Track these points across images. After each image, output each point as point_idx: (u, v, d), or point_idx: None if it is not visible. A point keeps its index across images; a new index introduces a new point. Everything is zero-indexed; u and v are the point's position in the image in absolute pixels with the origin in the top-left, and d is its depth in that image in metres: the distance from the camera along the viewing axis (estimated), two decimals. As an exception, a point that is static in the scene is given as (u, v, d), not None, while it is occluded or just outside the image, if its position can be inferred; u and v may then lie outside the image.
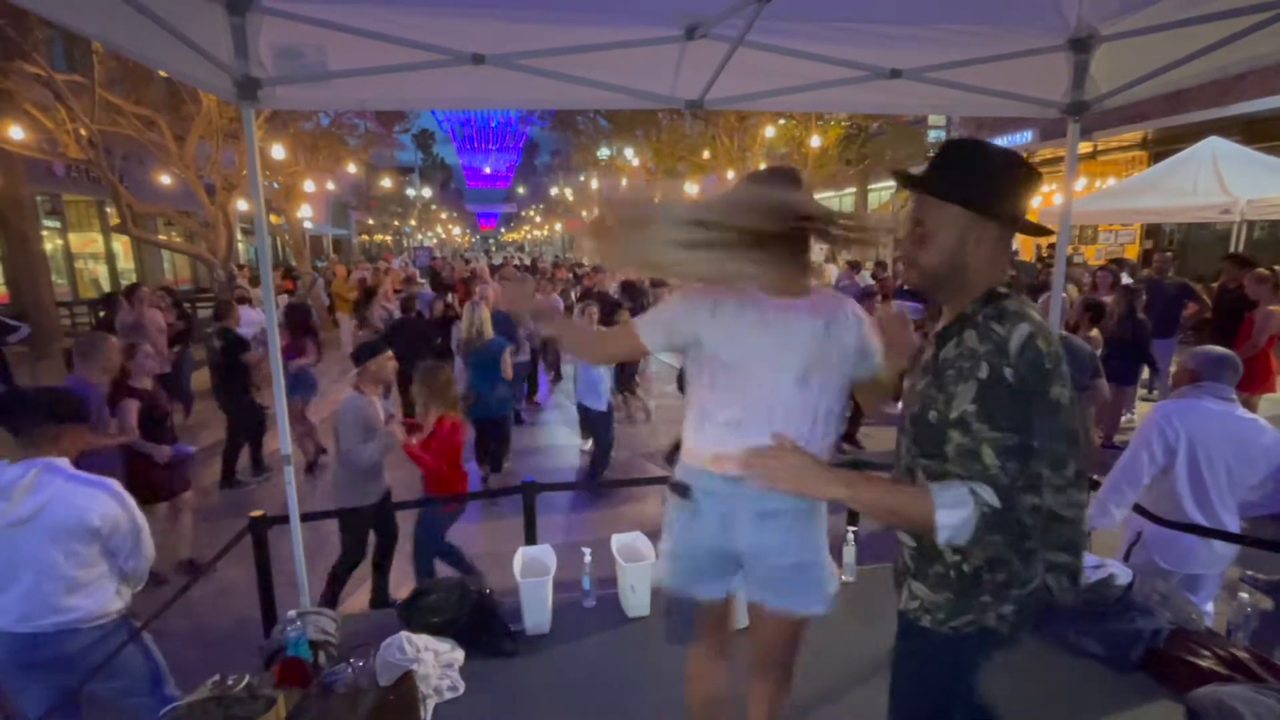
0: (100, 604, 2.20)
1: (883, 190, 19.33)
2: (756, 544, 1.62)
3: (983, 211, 1.30)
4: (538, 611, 2.73)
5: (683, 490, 1.66)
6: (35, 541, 2.06)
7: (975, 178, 1.30)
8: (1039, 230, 1.40)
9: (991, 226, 1.31)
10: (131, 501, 2.27)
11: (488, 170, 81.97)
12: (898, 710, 1.53)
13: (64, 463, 2.18)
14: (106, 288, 14.30)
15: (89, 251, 14.64)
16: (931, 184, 1.34)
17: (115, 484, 2.24)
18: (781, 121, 14.56)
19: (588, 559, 2.96)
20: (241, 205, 11.70)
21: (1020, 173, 1.32)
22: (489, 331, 5.46)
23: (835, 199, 22.01)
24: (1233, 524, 2.60)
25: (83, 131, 8.81)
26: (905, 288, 7.37)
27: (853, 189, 19.60)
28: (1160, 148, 11.36)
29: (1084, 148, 12.52)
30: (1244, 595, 2.54)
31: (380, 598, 3.57)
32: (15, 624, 2.08)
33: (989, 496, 1.20)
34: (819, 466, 1.31)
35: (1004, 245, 1.35)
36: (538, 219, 59.41)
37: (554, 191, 43.16)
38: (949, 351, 1.31)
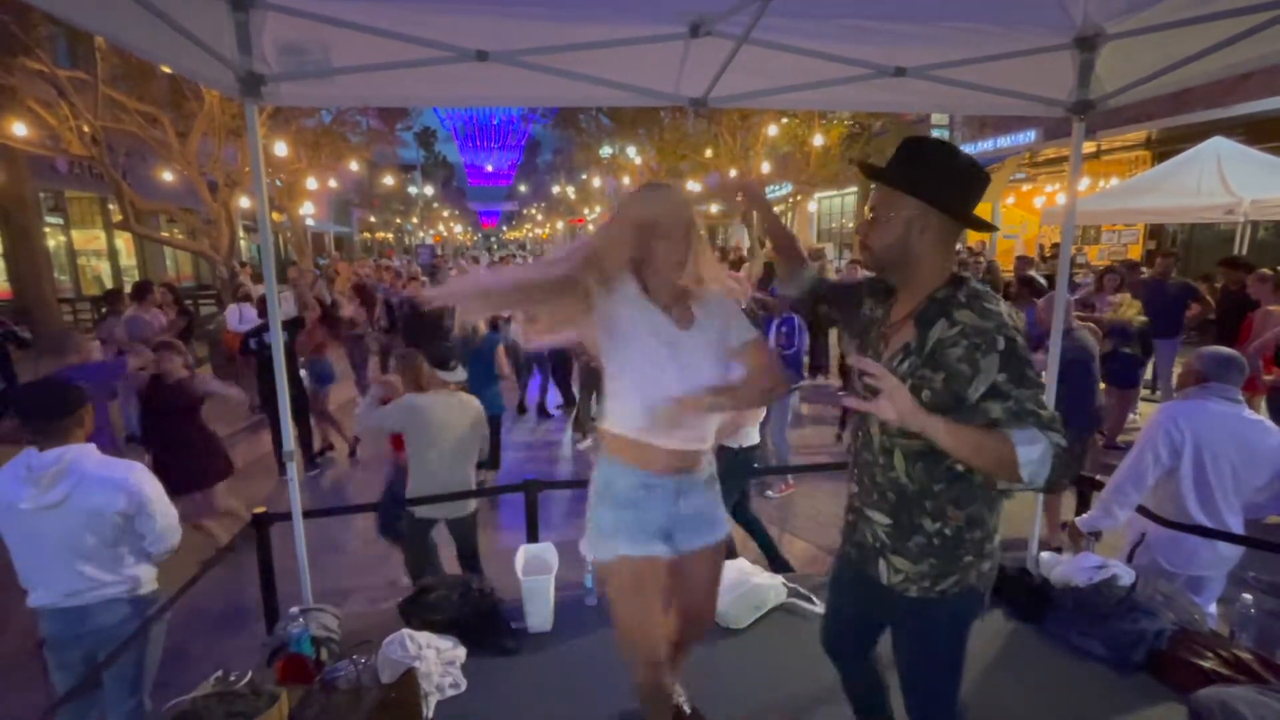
0: (137, 578, 2.31)
1: (885, 189, 19.26)
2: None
3: (931, 203, 1.43)
4: (540, 609, 2.73)
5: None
6: (66, 525, 2.15)
7: (928, 174, 1.43)
8: (985, 225, 1.52)
9: (935, 217, 1.44)
10: (157, 484, 2.34)
11: (490, 168, 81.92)
12: (911, 683, 1.61)
13: (91, 448, 2.26)
14: (109, 284, 14.30)
15: (91, 248, 14.66)
16: (888, 175, 1.48)
17: (140, 468, 2.32)
18: (784, 120, 14.51)
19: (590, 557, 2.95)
20: (244, 202, 11.69)
21: (971, 174, 1.46)
22: (482, 327, 5.45)
23: (837, 198, 21.97)
24: (1237, 525, 2.59)
25: (85, 128, 8.80)
26: None
27: (855, 188, 19.56)
28: (1164, 148, 11.31)
29: (1088, 147, 12.46)
30: (1247, 596, 2.53)
31: None
32: (63, 599, 2.20)
33: (1057, 437, 1.29)
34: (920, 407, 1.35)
35: (951, 236, 1.50)
36: (539, 217, 59.42)
37: (556, 190, 43.16)
38: (941, 332, 1.40)
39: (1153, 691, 2.31)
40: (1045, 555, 3.02)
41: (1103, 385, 4.72)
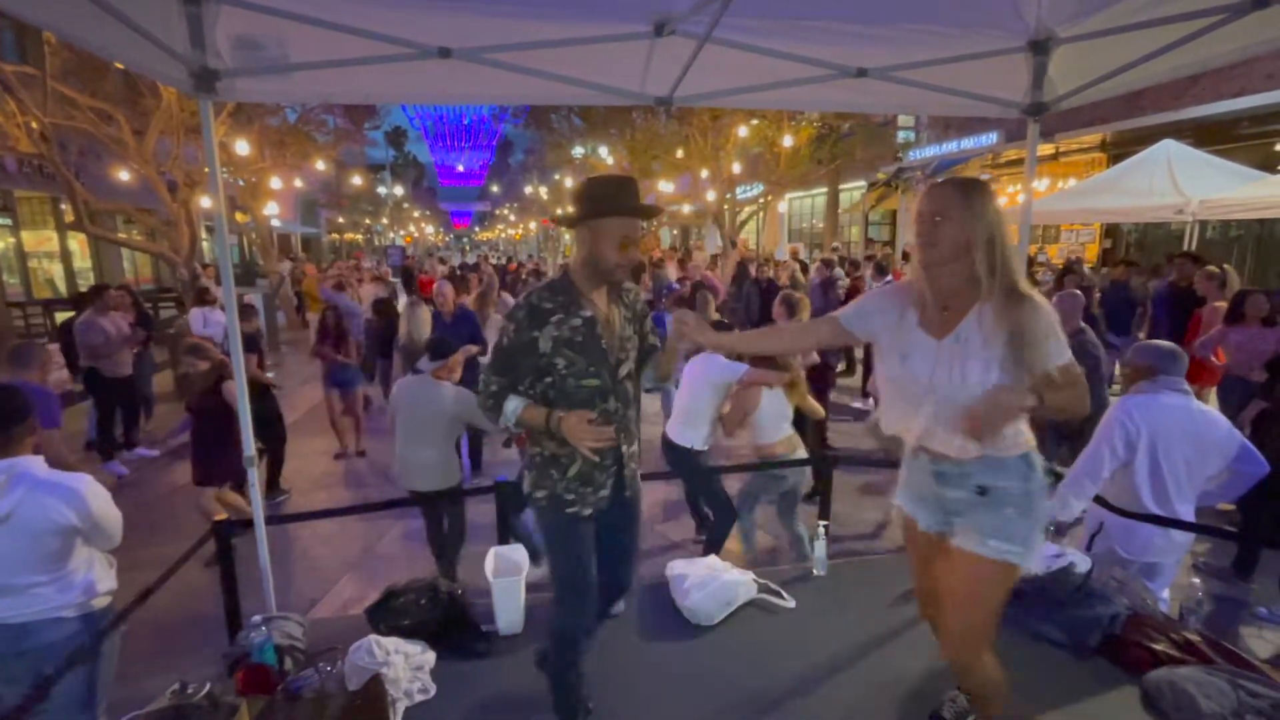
0: (89, 593, 2.21)
1: (854, 189, 19.58)
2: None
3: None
4: (510, 611, 2.71)
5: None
6: (11, 542, 2.05)
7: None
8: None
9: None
10: (105, 495, 2.24)
11: (461, 168, 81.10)
12: (628, 554, 2.19)
13: (36, 462, 2.15)
14: (62, 288, 13.80)
15: (43, 250, 14.09)
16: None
17: (89, 479, 2.22)
18: (754, 121, 14.64)
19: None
20: (205, 203, 11.36)
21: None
22: (426, 333, 5.32)
23: (808, 198, 22.23)
24: (1187, 514, 2.67)
25: (34, 125, 8.46)
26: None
27: (824, 188, 19.81)
28: (1118, 150, 11.68)
29: (1046, 149, 12.83)
30: (1196, 580, 2.62)
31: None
32: (5, 614, 2.09)
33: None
34: None
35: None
36: (512, 218, 58.93)
37: (528, 190, 42.87)
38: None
39: (1107, 674, 2.38)
40: (1007, 546, 3.09)
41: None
